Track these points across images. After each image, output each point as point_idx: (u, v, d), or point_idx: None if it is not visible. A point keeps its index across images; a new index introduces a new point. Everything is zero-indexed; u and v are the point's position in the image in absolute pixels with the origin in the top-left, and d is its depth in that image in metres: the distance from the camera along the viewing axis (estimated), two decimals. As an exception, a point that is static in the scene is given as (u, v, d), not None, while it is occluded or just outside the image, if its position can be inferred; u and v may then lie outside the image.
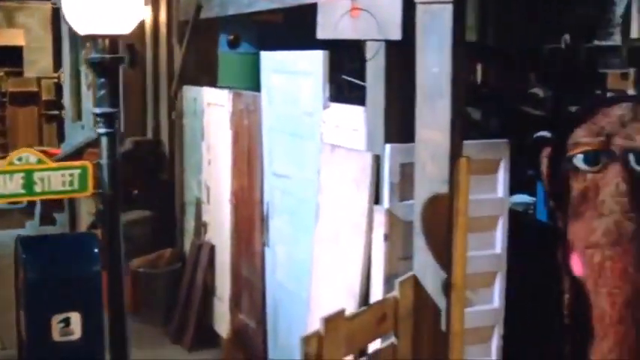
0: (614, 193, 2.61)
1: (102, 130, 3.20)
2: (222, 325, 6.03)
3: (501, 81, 6.69)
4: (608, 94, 6.41)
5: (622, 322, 2.56)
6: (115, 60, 3.18)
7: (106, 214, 3.38)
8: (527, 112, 5.97)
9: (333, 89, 4.88)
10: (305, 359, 2.88)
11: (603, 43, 5.24)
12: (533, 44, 5.63)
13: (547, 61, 6.04)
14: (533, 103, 6.13)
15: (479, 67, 6.61)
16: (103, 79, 3.17)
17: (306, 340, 2.87)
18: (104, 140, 3.21)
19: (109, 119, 3.18)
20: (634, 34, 4.47)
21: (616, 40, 4.87)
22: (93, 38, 3.14)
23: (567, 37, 5.43)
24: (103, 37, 3.11)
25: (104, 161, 3.24)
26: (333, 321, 2.98)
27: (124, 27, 3.16)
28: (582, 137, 2.84)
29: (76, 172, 3.58)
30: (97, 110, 3.21)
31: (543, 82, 6.25)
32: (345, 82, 4.83)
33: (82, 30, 3.15)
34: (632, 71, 5.83)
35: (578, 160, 2.88)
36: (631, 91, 6.06)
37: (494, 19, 5.33)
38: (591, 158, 2.83)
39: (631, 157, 2.73)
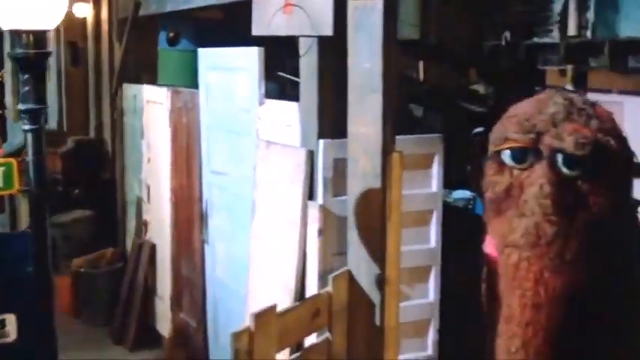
0: (538, 194, 2.51)
1: (26, 127, 3.13)
2: (164, 324, 5.98)
3: (443, 78, 6.73)
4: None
5: (530, 324, 2.47)
6: (39, 55, 3.11)
7: (32, 212, 3.32)
8: (468, 109, 6.03)
9: (276, 87, 4.88)
10: (235, 355, 2.87)
11: (542, 40, 5.31)
12: (474, 41, 5.68)
13: (488, 58, 6.11)
14: (474, 100, 6.19)
15: (421, 65, 6.65)
16: (27, 75, 3.10)
17: (235, 337, 2.86)
18: (29, 137, 3.14)
19: (34, 115, 3.11)
20: (571, 32, 4.53)
21: (554, 37, 4.94)
22: (17, 33, 3.07)
23: (507, 34, 5.49)
24: (27, 32, 3.05)
25: (30, 158, 3.17)
26: (264, 317, 2.97)
27: (48, 22, 3.09)
28: (512, 132, 2.66)
29: (1, 169, 3.52)
30: (22, 107, 3.14)
31: (484, 79, 6.32)
32: (288, 80, 4.82)
33: (5, 25, 3.09)
34: (569, 68, 5.94)
35: (506, 156, 2.67)
36: (569, 88, 6.17)
37: (436, 17, 5.36)
38: (518, 155, 2.64)
39: (559, 158, 2.55)
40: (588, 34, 4.32)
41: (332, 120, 3.75)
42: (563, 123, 2.56)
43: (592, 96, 6.14)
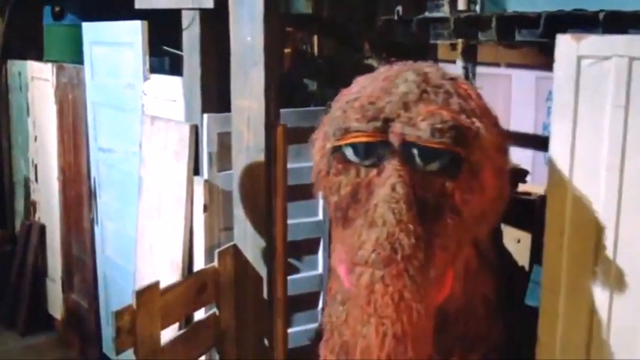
0: (389, 197, 2.02)
1: None
2: (56, 306, 5.84)
3: (337, 52, 6.76)
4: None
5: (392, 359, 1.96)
6: None
7: None
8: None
9: (162, 62, 4.79)
10: (117, 334, 2.83)
11: (433, 14, 5.39)
12: (367, 16, 5.72)
13: (381, 33, 6.16)
14: (368, 74, 6.24)
15: (315, 39, 6.66)
16: None
17: (117, 315, 2.82)
18: None
19: None
20: (461, 6, 4.61)
21: (445, 11, 5.02)
22: None
23: (400, 8, 5.55)
24: None
25: None
26: (147, 294, 2.95)
27: None
28: (353, 121, 2.14)
29: None
30: None
31: (378, 53, 6.38)
32: (173, 54, 4.74)
33: None
34: (460, 42, 6.05)
35: (348, 151, 2.19)
36: (459, 62, 6.30)
37: (329, -9, 5.38)
38: (363, 150, 2.15)
39: (414, 151, 2.08)
40: (477, 8, 4.41)
41: (216, 94, 3.73)
42: (417, 105, 2.12)
43: (482, 69, 6.33)
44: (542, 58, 5.16)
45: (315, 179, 2.39)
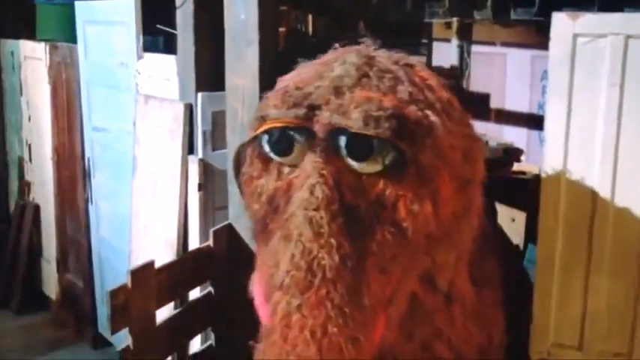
0: (306, 203, 1.60)
1: None
2: (50, 286, 5.84)
3: (331, 31, 6.73)
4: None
5: None
6: None
7: None
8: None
9: (155, 40, 4.76)
10: (112, 313, 2.82)
11: (429, -8, 5.37)
12: (361, -6, 5.69)
13: (376, 11, 6.14)
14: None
15: (309, 18, 6.63)
16: None
17: (112, 294, 2.81)
18: None
19: None
20: (456, -16, 4.61)
21: (440, -11, 5.02)
22: None
23: (395, -14, 5.53)
24: None
25: None
26: (141, 273, 2.94)
27: None
28: (272, 108, 1.76)
29: None
30: None
31: (372, 32, 6.35)
32: (167, 32, 4.71)
33: None
34: (455, 20, 6.04)
35: (265, 144, 1.79)
36: (454, 40, 6.28)
37: (322, -31, 5.35)
38: (279, 142, 1.74)
39: (341, 142, 1.65)
40: (472, -14, 4.40)
41: (210, 72, 3.71)
42: (352, 90, 1.71)
43: (477, 48, 6.31)
44: (538, 37, 5.15)
45: (240, 186, 2.01)
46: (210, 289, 3.41)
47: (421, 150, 1.64)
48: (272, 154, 1.76)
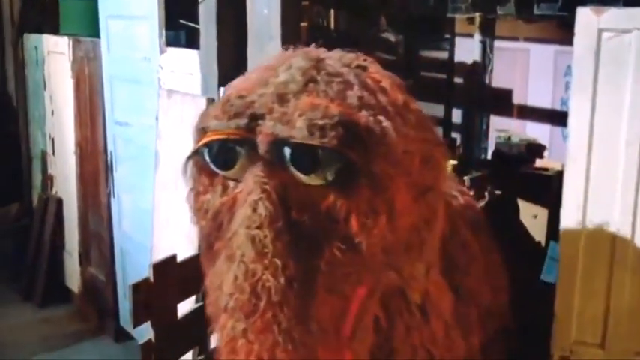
0: (248, 221, 1.51)
1: None
2: (73, 279, 5.88)
3: (353, 26, 6.73)
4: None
5: None
6: None
7: None
8: (378, 57, 6.03)
9: (183, 35, 4.78)
10: (134, 306, 2.84)
11: (450, -13, 5.36)
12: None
13: (398, 6, 6.13)
14: (385, 48, 6.21)
15: (332, 13, 6.63)
16: None
17: (134, 288, 2.82)
18: None
19: None
20: (479, -20, 4.59)
21: (463, -16, 5.00)
22: None
23: (418, -19, 5.52)
24: None
25: None
26: (163, 267, 2.95)
27: None
28: (212, 118, 1.66)
29: None
30: None
31: (394, 27, 6.34)
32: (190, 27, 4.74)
33: None
34: (477, 16, 6.01)
35: (206, 158, 1.71)
36: (477, 36, 6.26)
37: (345, -36, 5.35)
38: (220, 154, 1.65)
39: (286, 153, 1.54)
40: (495, -18, 4.38)
41: (232, 67, 3.71)
42: (297, 97, 1.60)
43: (500, 44, 6.27)
44: (561, 33, 5.12)
45: (188, 202, 1.89)
46: (232, 283, 3.41)
47: (373, 159, 1.52)
48: (212, 167, 1.67)
